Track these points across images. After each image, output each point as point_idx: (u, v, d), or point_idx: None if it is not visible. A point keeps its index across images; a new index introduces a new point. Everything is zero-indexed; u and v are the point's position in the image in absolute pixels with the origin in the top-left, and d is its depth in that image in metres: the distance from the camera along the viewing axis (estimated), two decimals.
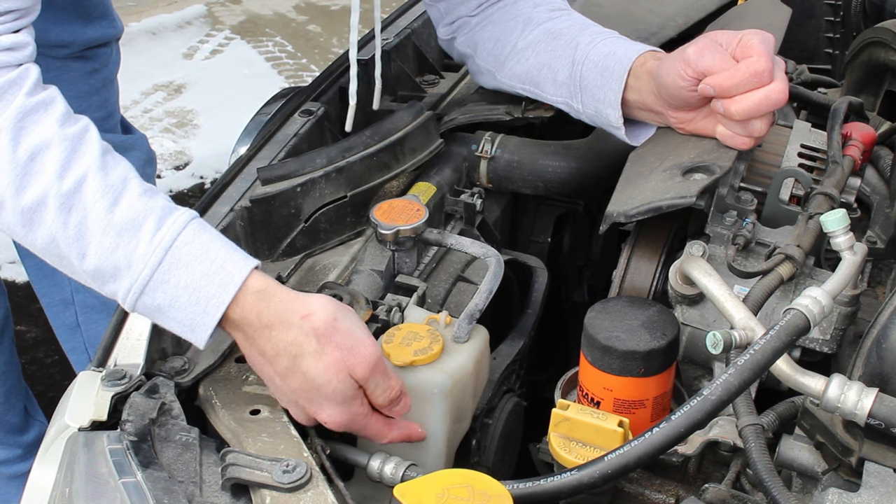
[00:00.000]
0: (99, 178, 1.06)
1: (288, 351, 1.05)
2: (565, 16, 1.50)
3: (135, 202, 1.06)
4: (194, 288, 1.05)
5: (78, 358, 2.24)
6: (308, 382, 1.06)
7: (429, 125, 1.49)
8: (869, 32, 1.61)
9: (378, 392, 1.08)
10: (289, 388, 1.07)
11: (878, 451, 0.95)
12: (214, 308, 1.05)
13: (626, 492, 1.15)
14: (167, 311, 1.06)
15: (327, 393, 1.06)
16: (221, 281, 1.05)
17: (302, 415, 1.09)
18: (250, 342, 1.08)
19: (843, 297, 1.14)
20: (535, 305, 1.46)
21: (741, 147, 1.27)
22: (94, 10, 1.89)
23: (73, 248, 1.06)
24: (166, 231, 1.06)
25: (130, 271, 1.05)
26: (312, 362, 1.05)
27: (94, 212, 1.05)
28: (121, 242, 1.05)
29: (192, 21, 4.92)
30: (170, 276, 1.05)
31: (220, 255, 1.07)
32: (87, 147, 1.08)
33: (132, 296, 1.06)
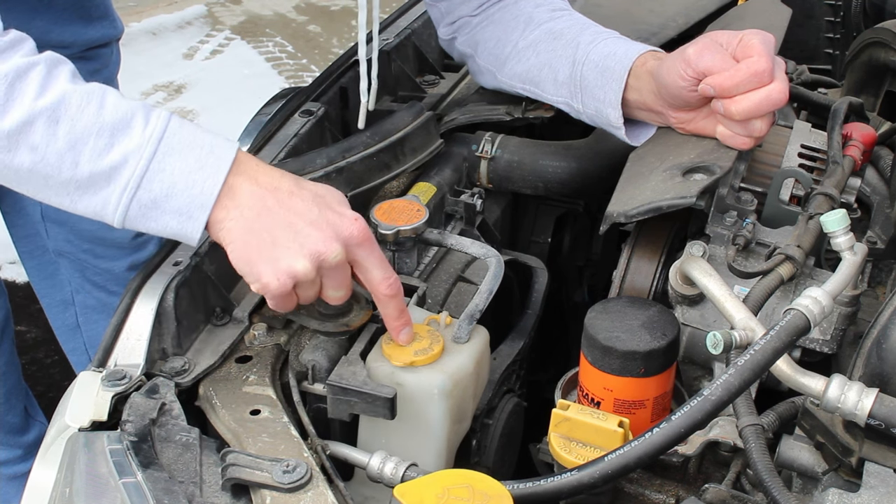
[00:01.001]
0: (79, 88, 1.09)
1: (284, 187, 1.11)
2: (566, 16, 1.50)
3: (119, 103, 1.10)
4: (189, 171, 1.09)
5: (78, 358, 2.24)
6: (316, 198, 1.12)
7: (429, 125, 1.49)
8: (869, 33, 1.61)
9: (377, 267, 1.14)
10: (302, 217, 1.10)
11: (879, 451, 0.95)
12: (212, 186, 1.09)
13: (626, 492, 1.15)
14: (163, 202, 1.09)
15: (337, 198, 1.14)
16: (214, 161, 1.09)
17: (327, 239, 1.10)
18: (244, 209, 1.10)
19: (844, 297, 1.14)
20: (535, 306, 1.46)
21: (741, 147, 1.27)
22: (94, 11, 1.88)
23: (65, 159, 1.07)
24: (155, 123, 1.09)
25: (127, 166, 1.07)
26: (309, 184, 1.14)
27: (83, 117, 1.07)
28: (115, 140, 1.07)
29: (193, 21, 4.92)
30: (165, 165, 1.08)
31: (206, 139, 1.11)
32: (62, 67, 1.11)
33: (128, 193, 1.08)
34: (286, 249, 1.09)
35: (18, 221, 2.01)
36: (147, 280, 1.18)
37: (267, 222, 1.09)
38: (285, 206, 1.11)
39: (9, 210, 2.00)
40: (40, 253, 2.06)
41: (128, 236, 2.03)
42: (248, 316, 1.23)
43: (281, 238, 1.09)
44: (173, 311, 1.16)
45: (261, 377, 1.16)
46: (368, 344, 1.18)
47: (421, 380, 1.13)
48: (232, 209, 1.10)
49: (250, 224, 1.10)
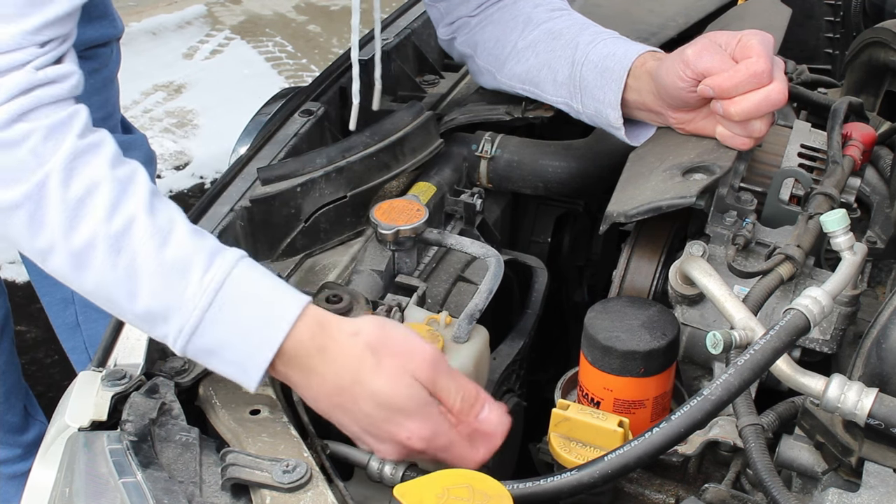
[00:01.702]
0: (148, 219, 1.04)
1: (347, 373, 1.03)
2: (565, 16, 1.50)
3: (184, 242, 1.04)
4: (247, 327, 1.03)
5: (78, 357, 2.24)
6: (376, 399, 1.02)
7: (429, 125, 1.49)
8: (869, 32, 1.61)
9: (452, 394, 1.04)
10: (362, 415, 1.03)
11: (878, 451, 0.95)
12: (268, 348, 1.03)
13: (626, 492, 1.15)
14: (219, 351, 1.04)
15: (399, 404, 1.02)
16: (274, 319, 1.03)
17: (386, 445, 1.04)
18: (308, 376, 1.04)
19: (843, 297, 1.14)
20: (535, 305, 1.46)
21: (741, 147, 1.27)
22: (94, 10, 1.88)
23: (122, 290, 1.04)
24: (216, 270, 1.03)
25: (181, 312, 1.03)
26: (374, 377, 1.02)
27: (143, 252, 1.03)
28: (171, 283, 1.03)
29: (192, 21, 4.92)
30: (221, 316, 1.03)
31: (271, 293, 1.05)
32: (136, 188, 1.06)
33: (183, 337, 1.03)
34: (383, 427, 1.04)
35: None
36: None
37: (349, 405, 1.04)
38: (355, 390, 1.03)
39: None
40: None
41: None
42: None
43: (372, 420, 1.03)
44: None
45: None
46: None
47: None
48: (291, 369, 1.04)
49: (321, 395, 1.05)
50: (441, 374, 1.04)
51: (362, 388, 1.02)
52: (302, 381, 1.05)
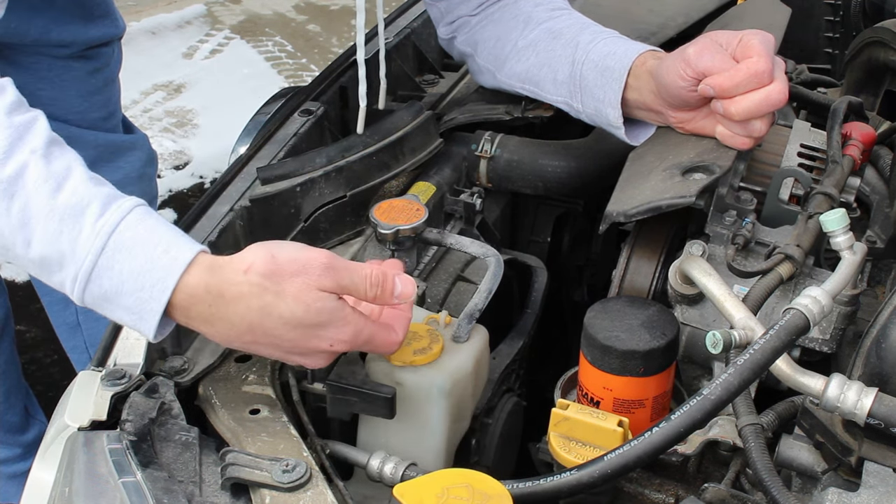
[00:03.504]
0: (42, 165, 1.03)
1: (252, 311, 1.02)
2: (566, 15, 1.50)
3: (78, 188, 1.04)
4: (139, 272, 1.02)
5: (78, 357, 2.24)
6: (290, 323, 1.03)
7: (428, 125, 1.49)
8: (869, 32, 1.61)
9: (360, 287, 1.05)
10: (281, 342, 1.04)
11: (878, 450, 0.95)
12: (160, 292, 1.02)
13: (625, 491, 1.15)
14: (114, 298, 1.03)
15: (313, 320, 1.03)
16: (166, 264, 1.02)
17: (312, 357, 1.06)
18: (213, 325, 1.04)
19: (843, 296, 1.14)
20: (534, 305, 1.46)
21: (741, 147, 1.27)
22: (95, 10, 1.89)
23: (17, 236, 1.03)
24: (110, 216, 1.03)
25: (75, 257, 1.02)
26: (280, 304, 1.02)
27: (36, 198, 1.02)
28: (64, 228, 1.02)
29: (192, 21, 4.92)
30: (114, 262, 1.02)
31: (164, 238, 1.04)
32: (33, 136, 1.05)
33: (79, 284, 1.03)
34: (308, 345, 1.05)
35: None
36: None
37: (257, 336, 1.04)
38: (253, 343, 1.05)
39: None
40: None
41: None
42: None
43: (294, 343, 1.05)
44: None
45: (260, 377, 1.16)
46: None
47: (420, 379, 1.13)
48: (193, 317, 1.04)
49: (233, 333, 1.04)
50: (341, 274, 1.04)
51: (272, 319, 1.02)
52: (209, 330, 1.05)
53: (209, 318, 1.04)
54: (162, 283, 1.02)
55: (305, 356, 1.06)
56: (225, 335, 1.05)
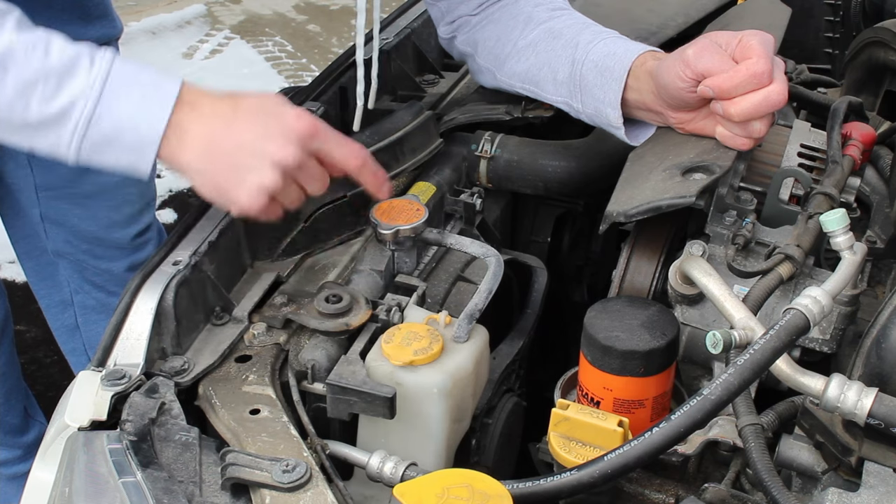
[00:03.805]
0: (25, 36, 1.12)
1: (247, 101, 1.17)
2: (566, 15, 1.50)
3: (65, 47, 1.14)
4: (135, 110, 1.13)
5: (77, 359, 2.24)
6: (257, 106, 1.18)
7: (428, 125, 1.49)
8: (869, 32, 1.61)
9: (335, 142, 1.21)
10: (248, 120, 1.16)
11: (878, 450, 0.95)
12: (157, 123, 1.14)
13: (625, 491, 1.15)
14: (115, 139, 1.14)
15: (283, 103, 1.19)
16: (158, 99, 1.14)
17: (281, 143, 1.16)
18: (203, 128, 1.15)
19: (843, 296, 1.14)
20: (534, 305, 1.46)
21: (741, 148, 1.27)
22: (93, 10, 1.88)
23: (15, 105, 1.12)
24: (100, 64, 1.13)
25: (75, 108, 1.12)
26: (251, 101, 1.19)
27: (30, 63, 1.11)
28: (62, 83, 1.12)
29: (192, 21, 4.92)
30: (111, 105, 1.13)
31: (150, 77, 1.16)
32: (7, 16, 1.13)
33: (78, 133, 1.12)
34: (248, 169, 1.16)
35: (17, 222, 2.01)
36: (147, 279, 1.18)
37: (221, 149, 1.16)
38: (233, 128, 1.16)
39: (7, 211, 2.00)
40: (39, 253, 2.06)
41: (127, 237, 2.03)
42: (248, 315, 1.23)
43: (240, 160, 1.16)
44: (173, 310, 1.16)
45: (260, 377, 1.16)
46: (368, 343, 1.18)
47: (420, 379, 1.13)
48: (185, 145, 1.15)
49: (207, 156, 1.16)
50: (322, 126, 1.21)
51: (239, 108, 1.17)
52: (189, 148, 1.15)
53: (193, 139, 1.15)
54: (158, 116, 1.14)
55: (271, 141, 1.16)
56: (203, 152, 1.16)
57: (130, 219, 2.02)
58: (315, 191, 1.22)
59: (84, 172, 1.91)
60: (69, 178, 1.91)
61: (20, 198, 1.95)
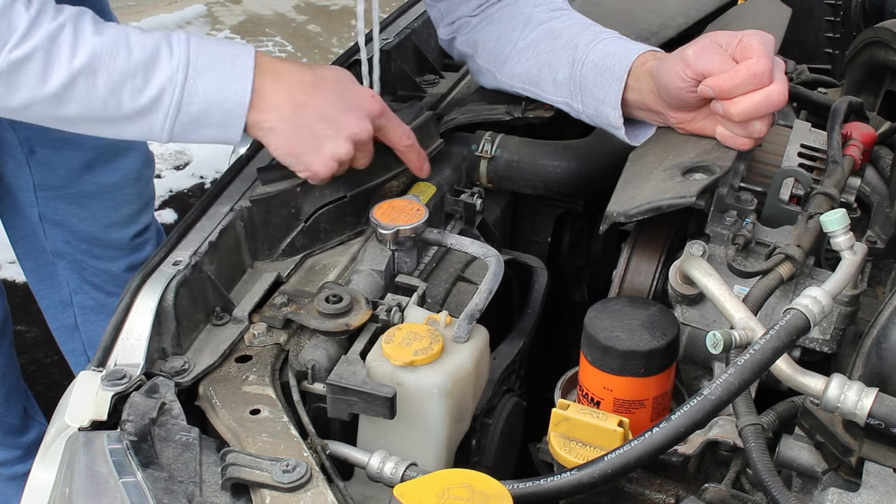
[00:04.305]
0: (106, 39, 1.19)
1: (306, 70, 1.28)
2: (566, 15, 1.50)
3: (143, 41, 1.21)
4: (219, 87, 1.22)
5: (77, 359, 2.24)
6: (335, 78, 1.30)
7: (429, 125, 1.49)
8: (869, 32, 1.61)
9: (396, 126, 1.35)
10: (333, 90, 1.28)
11: (878, 450, 0.95)
12: (242, 96, 1.22)
13: (626, 491, 1.15)
14: (202, 119, 1.22)
15: (354, 82, 1.32)
16: (238, 73, 1.23)
17: (356, 115, 1.28)
18: (286, 98, 1.24)
19: (843, 296, 1.14)
20: (535, 305, 1.46)
21: (741, 148, 1.27)
22: (92, 10, 1.88)
23: (109, 103, 1.20)
24: (178, 50, 1.21)
25: (164, 96, 1.20)
26: (328, 72, 1.32)
27: (116, 64, 1.19)
28: (149, 77, 1.20)
29: (192, 21, 4.92)
30: (197, 87, 1.21)
31: (227, 53, 1.24)
32: (84, 19, 1.20)
33: (170, 118, 1.21)
34: (328, 138, 1.26)
35: (16, 222, 2.01)
36: (147, 279, 1.18)
37: (303, 118, 1.25)
38: (314, 98, 1.26)
39: (7, 211, 2.00)
40: (38, 254, 2.06)
41: (126, 237, 2.03)
42: (248, 315, 1.23)
43: (320, 130, 1.26)
44: (173, 310, 1.16)
45: (260, 377, 1.16)
46: (368, 343, 1.18)
47: (420, 379, 1.13)
48: (268, 111, 1.24)
49: (289, 122, 1.25)
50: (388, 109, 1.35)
51: (321, 79, 1.28)
52: (272, 116, 1.24)
53: (275, 107, 1.24)
54: (241, 90, 1.22)
55: (351, 114, 1.28)
56: (285, 119, 1.25)
57: (129, 219, 2.02)
58: (363, 164, 1.33)
59: (83, 173, 1.92)
60: (68, 178, 1.91)
61: (19, 198, 1.95)
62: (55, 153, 1.86)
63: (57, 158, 1.87)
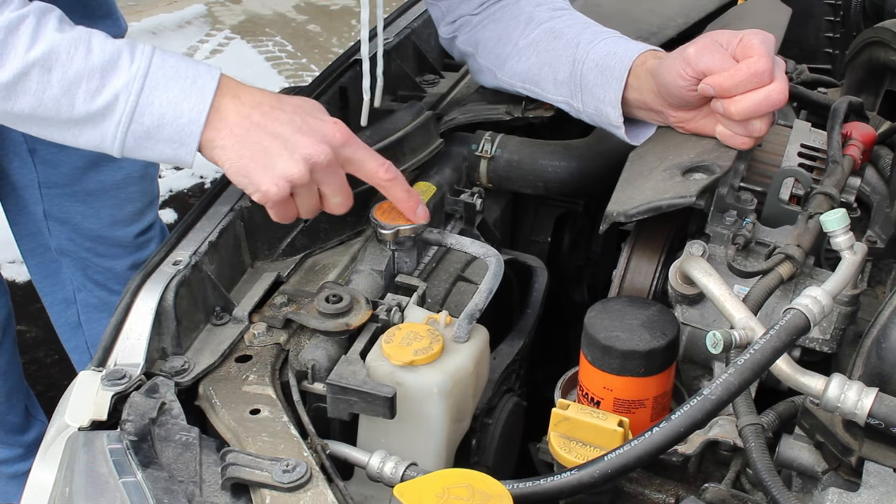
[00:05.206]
0: (67, 36, 1.16)
1: (266, 98, 1.21)
2: (567, 15, 1.50)
3: (105, 44, 1.17)
4: (176, 101, 1.17)
5: (79, 357, 2.24)
6: (304, 106, 1.23)
7: (429, 125, 1.49)
8: (869, 32, 1.61)
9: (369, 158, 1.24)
10: (286, 119, 1.20)
11: (878, 450, 0.95)
12: (198, 114, 1.17)
13: (626, 491, 1.15)
14: (156, 132, 1.17)
15: (320, 109, 1.24)
16: (198, 90, 1.18)
17: (314, 139, 1.19)
18: (242, 117, 1.18)
19: (843, 296, 1.14)
20: (535, 305, 1.46)
21: (741, 147, 1.27)
22: (98, 10, 1.88)
23: (62, 103, 1.15)
24: (140, 60, 1.17)
25: (118, 103, 1.16)
26: (297, 99, 1.24)
27: (73, 63, 1.15)
28: (105, 81, 1.16)
29: (192, 21, 4.92)
30: (153, 98, 1.16)
31: (190, 70, 1.19)
32: (49, 15, 1.17)
33: (122, 127, 1.16)
34: (279, 157, 1.18)
35: (21, 220, 2.02)
36: (147, 279, 1.18)
37: (256, 136, 1.18)
38: (271, 118, 1.19)
39: (11, 209, 2.01)
40: (42, 251, 2.06)
41: (129, 235, 2.04)
42: (248, 315, 1.24)
43: (272, 148, 1.18)
44: (173, 310, 1.16)
45: (260, 376, 1.16)
46: (368, 343, 1.18)
47: (420, 379, 1.13)
48: (222, 129, 1.18)
49: (241, 140, 1.18)
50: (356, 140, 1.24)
51: (282, 103, 1.21)
52: (226, 133, 1.18)
53: (240, 115, 1.18)
54: (199, 106, 1.17)
55: (306, 136, 1.19)
56: (238, 137, 1.18)
57: (133, 217, 2.03)
58: (335, 205, 1.24)
59: (87, 170, 1.92)
60: (72, 175, 1.91)
61: (24, 195, 1.95)
62: (60, 150, 1.86)
63: (61, 156, 1.88)
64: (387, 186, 1.26)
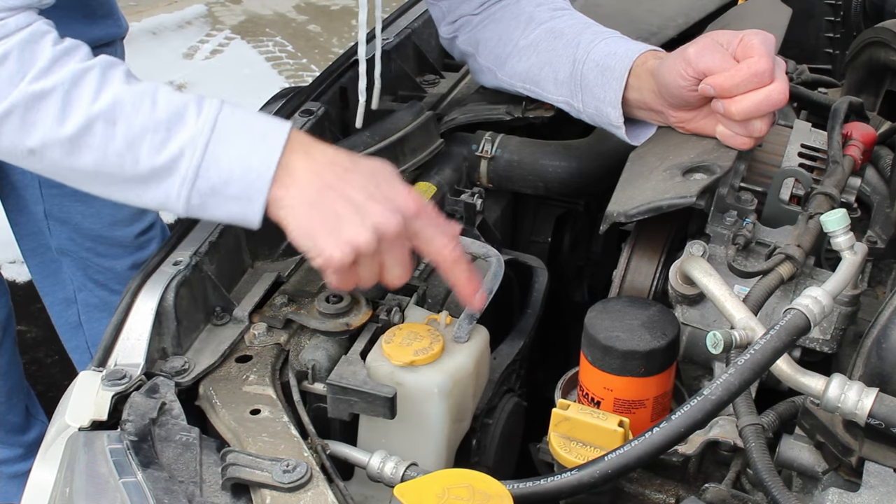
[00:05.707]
0: (133, 89, 1.12)
1: (340, 157, 1.15)
2: (567, 15, 1.50)
3: (171, 97, 1.12)
4: (244, 156, 1.11)
5: (80, 357, 2.24)
6: (373, 169, 1.15)
7: (429, 125, 1.49)
8: (869, 32, 1.61)
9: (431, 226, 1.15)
10: (359, 184, 1.12)
11: (879, 450, 0.95)
12: (266, 169, 1.11)
13: (626, 492, 1.15)
14: (222, 189, 1.11)
15: (393, 174, 1.15)
16: (267, 145, 1.12)
17: (385, 207, 1.11)
18: (313, 175, 1.12)
19: (844, 296, 1.14)
20: (535, 305, 1.46)
21: (741, 147, 1.27)
22: (99, 9, 1.88)
23: (125, 158, 1.11)
24: (207, 112, 1.11)
25: (183, 157, 1.10)
26: (367, 162, 1.17)
27: (139, 116, 1.10)
28: (171, 134, 1.10)
29: (193, 21, 4.92)
30: (219, 153, 1.11)
31: (259, 124, 1.14)
32: (116, 69, 1.14)
33: (187, 184, 1.10)
34: (348, 222, 1.10)
35: (21, 220, 2.02)
36: (147, 279, 1.18)
37: (327, 198, 1.11)
38: (343, 180, 1.12)
39: (12, 208, 2.01)
40: (43, 251, 2.06)
41: (130, 235, 2.04)
42: (249, 315, 1.24)
43: (342, 212, 1.11)
44: (173, 310, 1.16)
45: (261, 377, 1.16)
46: (368, 343, 1.18)
47: (421, 379, 1.13)
48: (290, 187, 1.11)
49: (310, 200, 1.11)
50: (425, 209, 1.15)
51: (356, 164, 1.14)
52: (295, 192, 1.12)
53: (300, 183, 1.12)
54: (267, 162, 1.11)
55: (379, 204, 1.11)
56: (307, 196, 1.12)
57: (133, 217, 2.03)
58: (394, 278, 1.15)
59: None
60: None
61: (24, 195, 1.95)
62: None
63: None
64: (450, 269, 1.16)
